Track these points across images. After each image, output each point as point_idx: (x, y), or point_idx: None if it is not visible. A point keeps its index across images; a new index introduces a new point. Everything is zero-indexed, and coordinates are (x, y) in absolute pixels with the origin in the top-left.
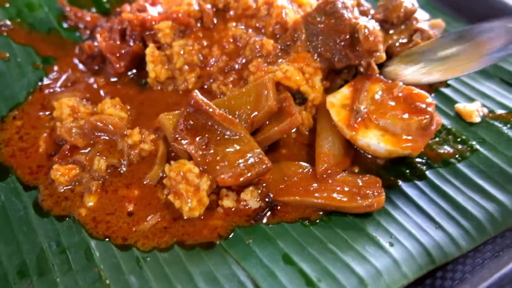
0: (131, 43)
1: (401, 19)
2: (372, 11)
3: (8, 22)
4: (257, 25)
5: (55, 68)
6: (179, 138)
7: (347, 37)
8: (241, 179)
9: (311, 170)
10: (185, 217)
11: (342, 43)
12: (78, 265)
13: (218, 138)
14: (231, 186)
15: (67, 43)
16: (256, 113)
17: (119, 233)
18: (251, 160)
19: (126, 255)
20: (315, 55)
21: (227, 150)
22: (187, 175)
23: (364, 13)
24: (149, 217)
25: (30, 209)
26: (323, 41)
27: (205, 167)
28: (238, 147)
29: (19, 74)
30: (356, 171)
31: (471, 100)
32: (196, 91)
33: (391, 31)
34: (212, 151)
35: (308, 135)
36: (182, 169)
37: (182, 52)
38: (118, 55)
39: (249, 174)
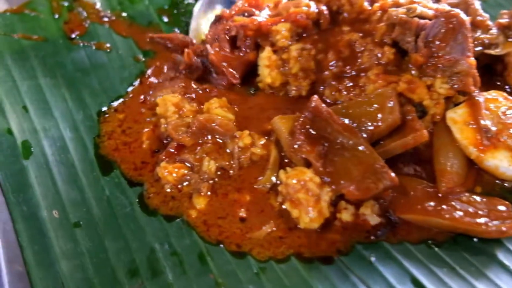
0: (243, 51)
1: None
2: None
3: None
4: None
5: (157, 63)
6: (299, 145)
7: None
8: (370, 193)
9: (432, 187)
10: (302, 228)
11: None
12: (193, 270)
13: (337, 147)
14: (352, 200)
15: None
16: (379, 123)
17: (232, 239)
18: (377, 174)
19: (242, 263)
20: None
21: (348, 161)
22: (308, 184)
23: (481, 23)
24: (264, 226)
25: (136, 206)
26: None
27: (326, 177)
28: (360, 159)
29: (121, 66)
30: (479, 192)
31: None
32: (316, 96)
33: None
34: (332, 160)
35: (423, 150)
36: (302, 177)
37: (299, 58)
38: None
39: (377, 189)
